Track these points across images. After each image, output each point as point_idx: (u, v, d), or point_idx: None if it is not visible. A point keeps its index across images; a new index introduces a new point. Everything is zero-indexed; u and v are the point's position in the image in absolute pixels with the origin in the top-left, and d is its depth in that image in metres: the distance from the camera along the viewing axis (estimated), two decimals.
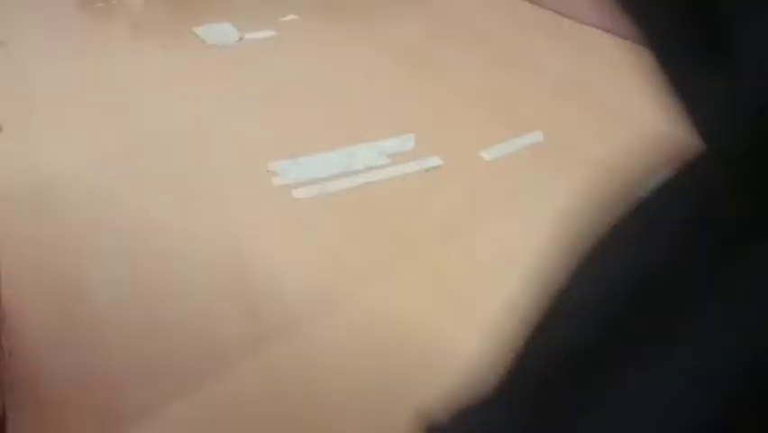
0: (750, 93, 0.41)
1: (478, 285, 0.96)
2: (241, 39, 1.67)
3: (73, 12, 1.83)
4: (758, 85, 0.40)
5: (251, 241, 1.01)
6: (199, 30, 1.71)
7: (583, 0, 1.81)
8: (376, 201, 1.15)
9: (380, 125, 1.34)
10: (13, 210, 1.02)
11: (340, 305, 0.90)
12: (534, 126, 1.36)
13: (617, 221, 0.59)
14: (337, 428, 0.74)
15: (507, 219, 1.10)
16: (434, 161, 1.26)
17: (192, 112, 1.37)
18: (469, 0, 2.00)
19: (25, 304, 0.82)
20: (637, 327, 0.48)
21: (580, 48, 1.65)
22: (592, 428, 0.47)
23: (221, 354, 0.81)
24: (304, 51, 1.55)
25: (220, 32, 1.71)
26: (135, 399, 0.74)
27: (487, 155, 1.29)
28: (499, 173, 1.24)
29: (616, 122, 1.36)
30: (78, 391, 0.72)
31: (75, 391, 0.72)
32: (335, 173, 1.21)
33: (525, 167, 1.25)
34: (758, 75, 0.40)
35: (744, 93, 0.42)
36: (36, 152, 1.19)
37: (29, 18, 1.79)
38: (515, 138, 1.33)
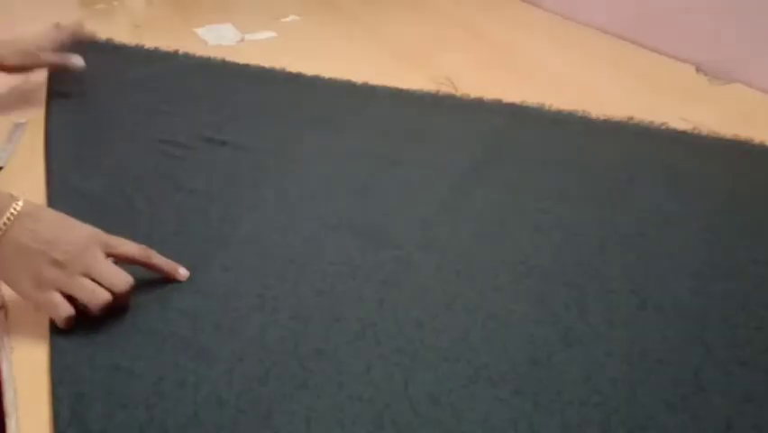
0: None
1: None
2: (242, 40, 1.68)
3: (74, 12, 1.84)
4: None
5: None
6: (200, 31, 1.71)
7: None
8: None
9: None
10: None
11: None
12: None
13: None
14: None
15: None
16: None
17: None
18: (470, 0, 2.01)
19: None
20: None
21: (579, 47, 1.65)
22: None
23: None
24: (304, 52, 1.55)
25: (221, 33, 1.71)
26: None
27: None
28: None
29: None
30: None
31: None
32: None
33: None
34: None
35: None
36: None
37: (29, 18, 1.79)
38: None
